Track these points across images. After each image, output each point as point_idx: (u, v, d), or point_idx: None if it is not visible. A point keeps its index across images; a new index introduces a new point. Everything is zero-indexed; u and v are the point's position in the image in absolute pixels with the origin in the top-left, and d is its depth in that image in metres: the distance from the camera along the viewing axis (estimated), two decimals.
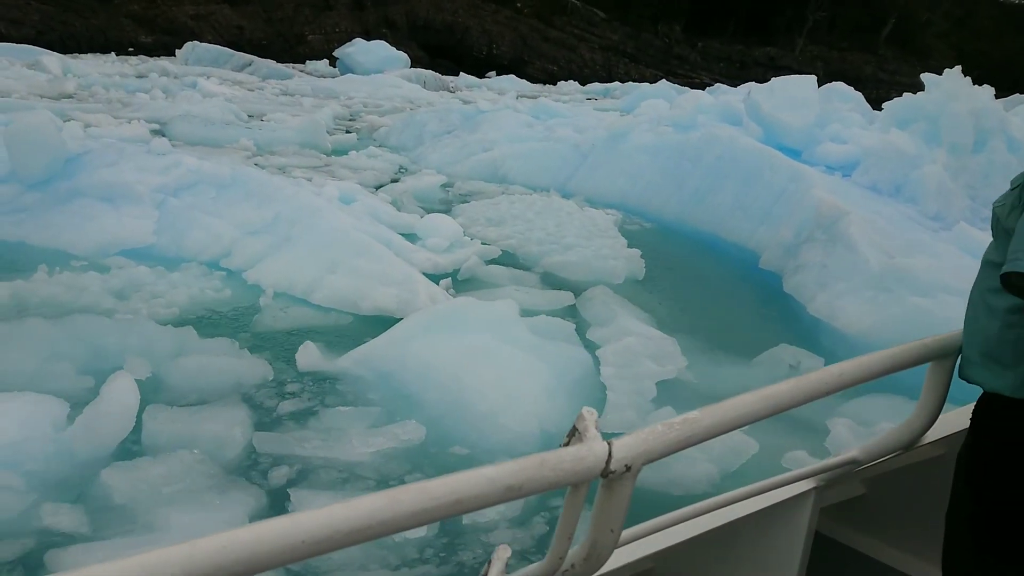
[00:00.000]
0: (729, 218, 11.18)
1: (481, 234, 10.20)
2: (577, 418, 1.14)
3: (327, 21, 57.47)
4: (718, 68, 68.75)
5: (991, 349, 1.70)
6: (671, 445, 1.22)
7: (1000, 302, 1.68)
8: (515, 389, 5.42)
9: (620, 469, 1.13)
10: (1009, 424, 1.69)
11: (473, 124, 17.46)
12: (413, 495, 0.95)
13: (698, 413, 1.30)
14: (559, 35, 63.25)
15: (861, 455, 1.96)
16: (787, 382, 1.48)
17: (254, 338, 6.34)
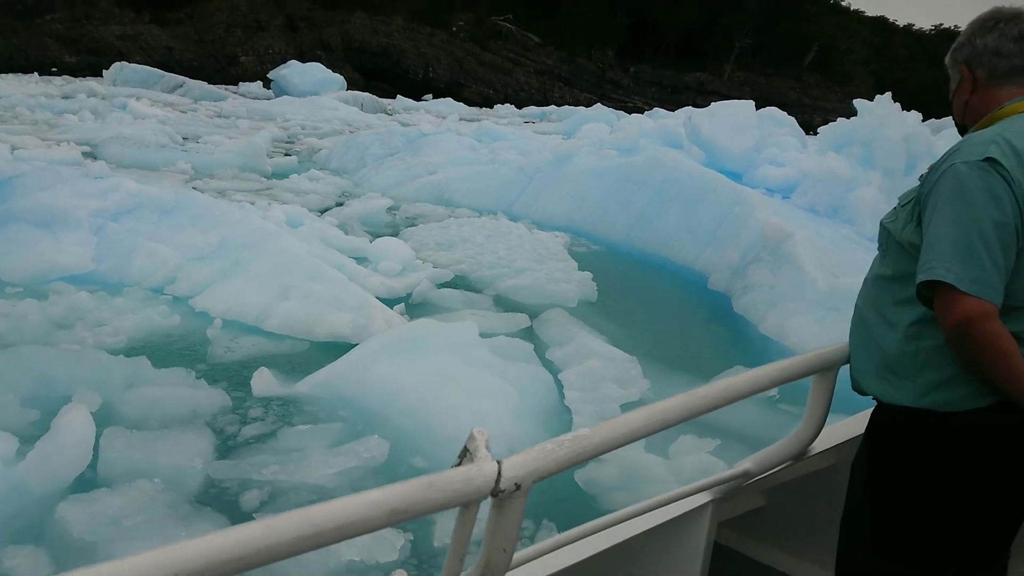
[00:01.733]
0: (676, 240, 11.36)
1: (432, 258, 10.13)
2: (468, 438, 1.15)
3: (260, 43, 56.83)
4: (650, 92, 70.38)
5: (889, 362, 1.74)
6: (561, 462, 1.22)
7: (902, 316, 1.72)
8: (482, 411, 5.36)
9: (510, 488, 1.13)
10: (908, 433, 1.74)
11: (416, 147, 17.41)
12: (293, 522, 0.93)
13: (589, 431, 1.31)
14: (495, 59, 63.88)
15: (753, 467, 2.01)
16: (675, 398, 1.51)
17: (208, 366, 6.14)
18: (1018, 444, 1.68)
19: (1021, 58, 1.72)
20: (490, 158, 15.95)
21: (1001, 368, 1.58)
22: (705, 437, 5.50)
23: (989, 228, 1.54)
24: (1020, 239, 1.57)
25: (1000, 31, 1.74)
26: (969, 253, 1.54)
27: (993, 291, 1.54)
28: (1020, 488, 1.74)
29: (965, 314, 1.54)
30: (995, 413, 1.65)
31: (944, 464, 1.70)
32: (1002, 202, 1.54)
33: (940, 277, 1.56)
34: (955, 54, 1.85)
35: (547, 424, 5.57)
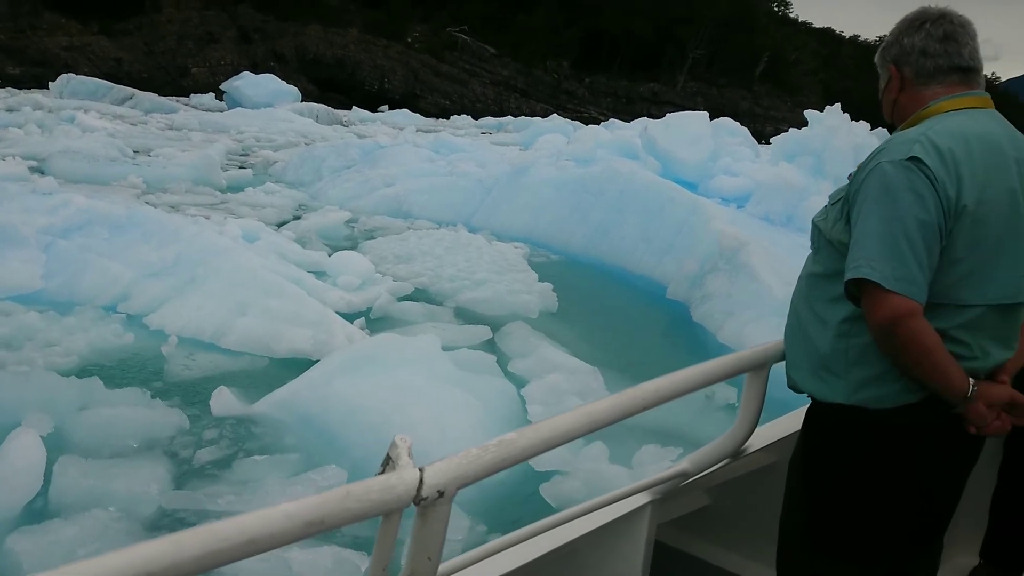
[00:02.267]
0: (634, 250, 11.46)
1: (392, 271, 10.06)
2: (390, 446, 1.13)
3: (212, 54, 56.11)
4: (605, 103, 71.09)
5: (822, 359, 1.77)
6: (487, 468, 1.22)
7: (833, 313, 1.75)
8: (447, 425, 5.32)
9: (433, 495, 1.12)
10: (840, 430, 1.77)
11: (373, 159, 17.31)
12: (200, 538, 0.91)
13: (515, 434, 1.31)
14: (450, 70, 63.93)
15: (690, 466, 2.03)
16: (605, 400, 1.51)
17: (164, 386, 6.00)
18: (945, 439, 1.73)
19: (946, 58, 1.75)
20: (448, 170, 15.92)
21: (926, 365, 1.61)
22: (668, 446, 5.55)
23: (914, 227, 1.57)
24: (943, 238, 1.60)
25: (927, 31, 1.77)
26: (894, 252, 1.57)
27: (917, 289, 1.57)
28: (948, 482, 1.80)
29: (891, 312, 1.57)
30: (923, 409, 1.69)
31: (876, 460, 1.74)
32: (926, 201, 1.57)
33: (866, 276, 1.58)
34: (884, 53, 1.88)
35: (513, 427, 5.54)
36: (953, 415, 1.69)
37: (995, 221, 1.62)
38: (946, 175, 1.58)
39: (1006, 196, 1.64)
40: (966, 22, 1.79)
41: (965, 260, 1.61)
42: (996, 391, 1.69)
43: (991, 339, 1.70)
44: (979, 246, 1.62)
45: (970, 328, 1.67)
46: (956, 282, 1.63)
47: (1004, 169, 1.65)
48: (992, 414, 1.68)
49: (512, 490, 4.99)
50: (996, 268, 1.64)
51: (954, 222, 1.59)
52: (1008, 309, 1.70)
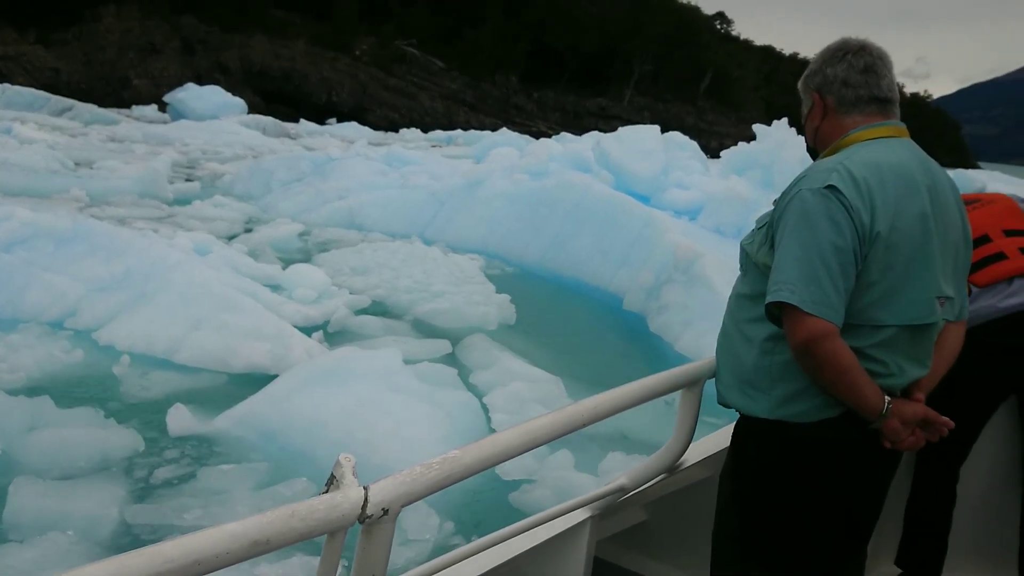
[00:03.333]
0: (589, 262, 11.53)
1: (348, 283, 9.96)
2: (335, 465, 1.14)
3: (154, 65, 54.99)
4: (553, 117, 71.62)
5: (748, 376, 1.83)
6: (431, 485, 1.24)
7: (758, 332, 1.82)
8: (411, 438, 5.27)
9: (377, 513, 1.13)
10: (766, 444, 1.84)
11: (324, 172, 17.12)
12: (145, 559, 0.91)
13: (459, 452, 1.32)
14: (399, 83, 63.73)
15: (628, 482, 2.06)
16: (545, 416, 1.55)
17: (117, 404, 5.82)
18: (864, 452, 1.80)
19: (866, 89, 1.84)
20: (401, 182, 15.85)
21: (842, 384, 1.68)
22: (633, 453, 5.59)
23: (830, 253, 1.64)
24: (859, 262, 1.67)
25: (848, 62, 1.86)
26: (811, 276, 1.63)
27: (834, 312, 1.64)
28: (869, 493, 1.87)
29: (808, 333, 1.63)
30: (843, 423, 1.75)
31: (798, 473, 1.80)
32: (842, 228, 1.64)
33: (785, 299, 1.65)
34: (807, 81, 1.96)
35: None
36: (870, 430, 1.76)
37: (906, 246, 1.70)
38: (861, 203, 1.65)
39: (917, 222, 1.72)
40: (884, 54, 1.89)
41: (879, 283, 1.69)
42: (910, 408, 1.76)
43: (905, 357, 1.78)
44: (892, 270, 1.69)
45: (885, 347, 1.74)
46: (871, 304, 1.70)
47: (915, 195, 1.73)
48: (907, 431, 1.76)
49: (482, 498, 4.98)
50: (908, 290, 1.72)
51: (868, 247, 1.67)
52: (920, 329, 1.78)
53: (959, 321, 1.94)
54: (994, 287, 2.69)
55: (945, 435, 1.81)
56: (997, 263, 2.72)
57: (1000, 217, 2.83)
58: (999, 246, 2.75)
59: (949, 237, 1.81)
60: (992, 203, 2.88)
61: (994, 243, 2.76)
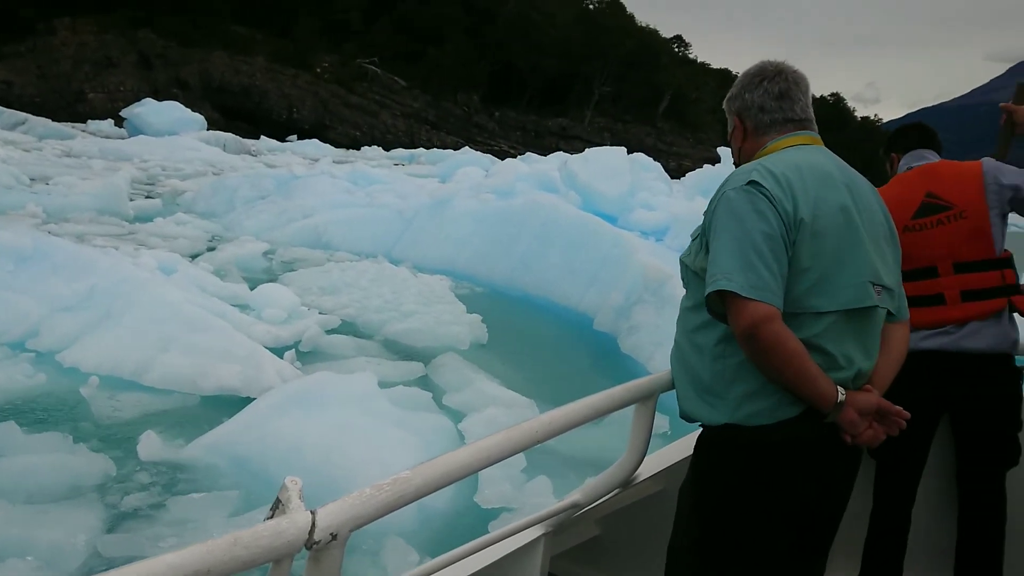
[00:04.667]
0: (559, 282, 11.57)
1: (317, 303, 9.84)
2: (280, 489, 1.13)
3: (110, 79, 54.14)
4: (515, 136, 72.02)
5: (706, 384, 1.85)
6: (381, 508, 1.22)
7: (707, 339, 1.85)
8: (388, 463, 5.19)
9: (325, 539, 1.11)
10: (724, 450, 1.84)
11: (289, 189, 16.98)
12: None
13: (409, 473, 1.31)
14: (360, 101, 63.57)
15: (582, 497, 2.06)
16: (499, 434, 1.55)
17: (85, 428, 5.65)
18: (824, 452, 1.80)
19: (781, 113, 1.95)
20: (367, 201, 15.77)
21: (791, 369, 1.69)
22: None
23: (760, 240, 1.70)
24: (788, 248, 1.73)
25: (764, 88, 1.97)
26: (746, 263, 1.69)
27: (772, 295, 1.69)
28: (830, 495, 1.87)
29: (751, 317, 1.67)
30: (801, 423, 1.76)
31: (758, 475, 1.80)
32: (767, 216, 1.72)
33: (723, 287, 1.69)
34: (729, 104, 2.06)
35: None
36: (829, 428, 1.77)
37: (832, 234, 1.77)
38: (782, 193, 1.74)
39: (840, 212, 1.79)
40: (799, 79, 1.99)
41: (812, 269, 1.74)
42: (864, 398, 1.78)
43: (852, 347, 1.81)
44: (821, 256, 1.75)
45: (830, 337, 1.76)
46: (808, 290, 1.75)
47: (834, 190, 1.81)
48: (864, 422, 1.77)
49: (460, 525, 4.91)
50: (840, 275, 1.77)
51: (796, 233, 1.73)
52: (860, 314, 1.81)
53: (902, 322, 1.99)
54: (924, 329, 2.71)
55: (903, 427, 1.82)
56: (935, 307, 2.72)
57: (959, 243, 2.74)
58: (942, 286, 2.73)
59: (876, 231, 1.88)
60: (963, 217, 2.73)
61: (939, 280, 2.73)
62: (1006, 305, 2.71)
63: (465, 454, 1.44)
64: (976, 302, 2.69)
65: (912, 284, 2.60)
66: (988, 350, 2.70)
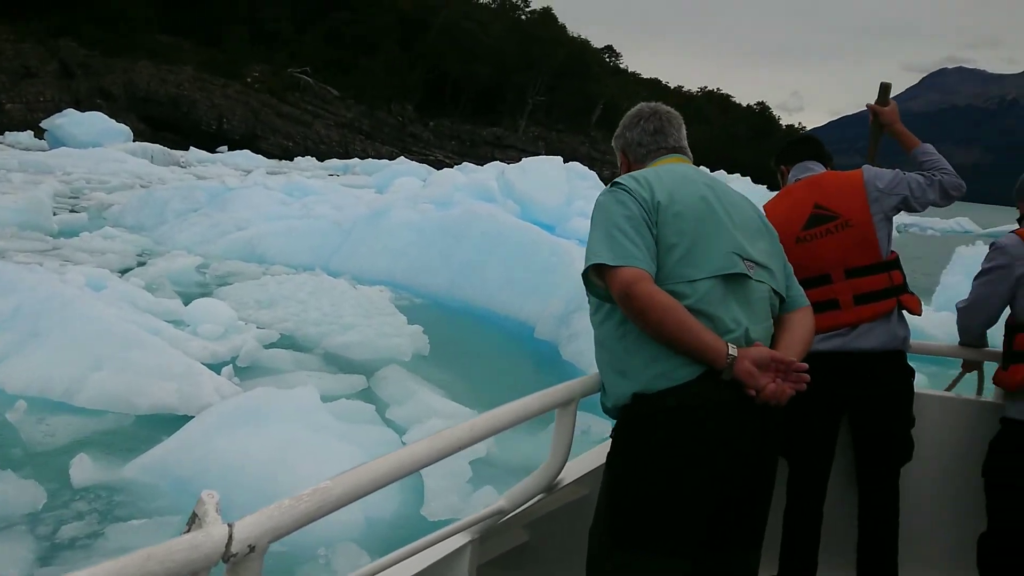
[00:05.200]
0: (499, 292, 11.59)
1: (254, 317, 9.65)
2: (197, 503, 1.13)
3: (29, 89, 52.27)
4: (450, 146, 72.06)
5: (617, 365, 1.93)
6: (301, 518, 1.22)
7: (609, 326, 1.97)
8: None
9: (243, 551, 1.11)
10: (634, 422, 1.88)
11: (221, 202, 16.63)
12: None
13: (330, 482, 1.30)
14: (293, 111, 62.74)
15: (507, 503, 2.06)
16: (422, 441, 1.55)
17: (13, 454, 5.42)
18: (727, 415, 1.81)
19: (655, 144, 2.24)
20: (303, 212, 15.56)
21: (672, 321, 1.79)
22: None
23: (622, 220, 1.90)
24: (651, 226, 1.90)
25: (641, 127, 2.26)
26: (612, 240, 1.87)
27: (637, 260, 1.85)
28: (741, 464, 1.85)
29: (623, 281, 1.81)
30: (701, 383, 1.81)
31: (664, 444, 1.82)
32: (627, 204, 1.92)
33: (593, 261, 1.89)
34: (616, 142, 2.34)
35: (406, 486, 5.44)
36: (732, 390, 1.80)
37: (692, 215, 1.94)
38: (640, 188, 1.96)
39: (698, 200, 1.98)
40: (673, 117, 2.28)
41: (679, 244, 1.89)
42: (757, 350, 1.83)
43: (737, 311, 1.89)
44: (685, 233, 1.91)
45: (710, 301, 1.86)
46: (678, 262, 1.88)
47: (693, 186, 2.02)
48: (764, 375, 1.80)
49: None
50: (706, 247, 1.91)
51: (656, 215, 1.92)
52: (736, 282, 1.92)
53: (802, 308, 2.11)
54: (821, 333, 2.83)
55: (807, 380, 1.84)
56: (830, 312, 2.85)
57: (848, 251, 2.88)
58: (835, 291, 2.87)
59: (745, 220, 2.05)
60: (849, 226, 2.87)
61: (832, 287, 2.87)
62: (895, 305, 2.88)
63: (388, 462, 1.42)
64: (868, 304, 2.85)
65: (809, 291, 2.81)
66: (880, 348, 2.86)
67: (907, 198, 2.92)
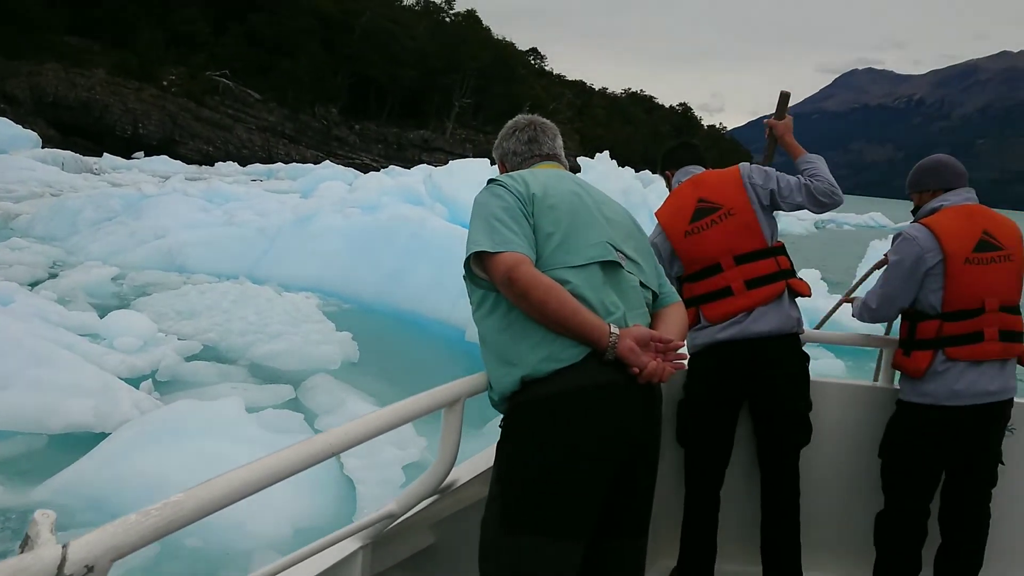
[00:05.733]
0: (428, 295, 11.50)
1: (175, 329, 9.34)
2: (29, 523, 1.06)
3: None
4: (376, 149, 71.40)
5: (504, 355, 1.91)
6: (148, 535, 1.13)
7: (492, 318, 1.95)
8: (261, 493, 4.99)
9: (79, 572, 1.04)
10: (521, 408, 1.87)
11: (138, 210, 16.08)
12: None
13: (182, 495, 1.22)
14: (212, 115, 61.16)
15: (396, 507, 2.02)
16: (290, 449, 1.46)
17: None
18: (612, 395, 1.83)
19: (529, 153, 2.35)
20: (225, 219, 15.16)
21: (552, 302, 1.81)
22: None
23: (499, 211, 1.96)
24: (527, 216, 1.97)
25: (516, 137, 2.36)
26: (490, 229, 1.92)
27: (516, 246, 1.89)
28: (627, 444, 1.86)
29: (502, 266, 1.84)
30: (585, 364, 1.83)
31: (550, 426, 1.83)
32: (503, 197, 1.99)
33: (472, 249, 1.92)
34: (495, 152, 2.44)
35: (336, 496, 5.34)
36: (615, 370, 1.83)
37: (565, 207, 2.01)
38: (515, 183, 2.04)
39: (570, 195, 2.06)
40: (547, 127, 2.40)
41: (556, 233, 1.95)
42: (637, 330, 1.88)
43: (615, 296, 1.93)
44: (561, 223, 1.97)
45: (588, 286, 1.90)
46: (557, 249, 1.94)
47: (564, 183, 2.10)
48: (645, 355, 1.83)
49: None
50: (583, 237, 1.98)
51: (532, 206, 1.99)
52: (611, 270, 1.97)
53: (675, 303, 2.16)
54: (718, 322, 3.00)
55: (685, 358, 1.97)
56: (725, 299, 2.99)
57: (732, 238, 3.01)
58: (727, 279, 2.99)
59: (616, 217, 2.12)
60: (731, 215, 3.02)
61: (724, 274, 2.99)
62: (785, 288, 3.01)
63: (250, 472, 1.33)
64: (759, 288, 2.98)
65: (703, 282, 3.01)
66: (775, 331, 2.97)
67: (774, 193, 3.06)
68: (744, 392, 3.09)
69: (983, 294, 2.85)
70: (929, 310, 2.94)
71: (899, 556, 3.03)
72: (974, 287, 2.85)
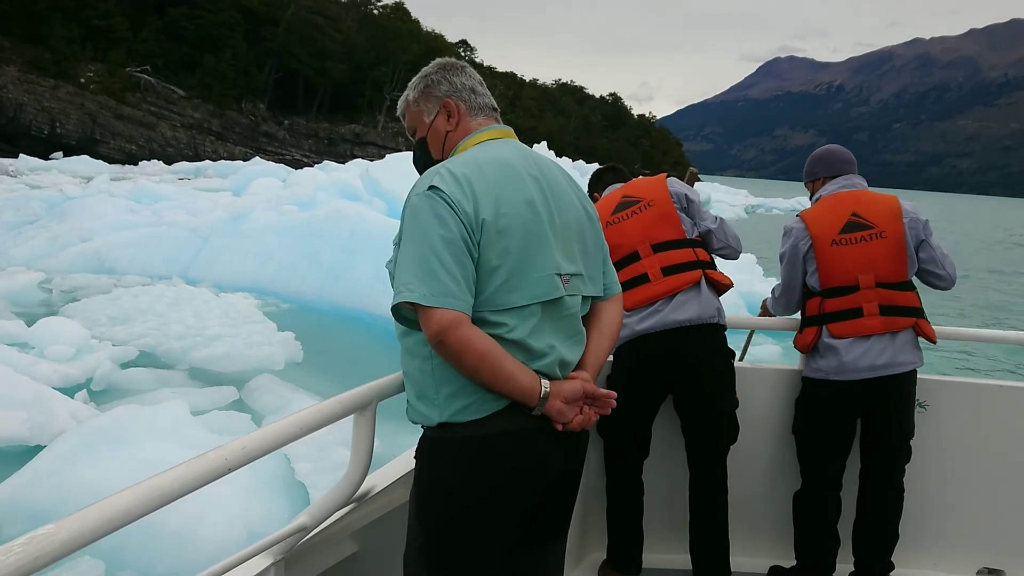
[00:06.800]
0: (370, 291, 11.38)
1: (109, 335, 9.04)
2: None
3: None
4: (307, 144, 70.21)
5: (419, 388, 1.84)
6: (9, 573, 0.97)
7: (415, 342, 1.84)
8: (213, 496, 4.87)
9: None
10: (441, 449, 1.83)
11: (62, 212, 15.49)
12: None
13: (53, 526, 1.04)
14: (135, 113, 59.19)
15: (308, 519, 1.91)
16: (177, 468, 1.30)
17: None
18: (539, 441, 1.78)
19: (488, 98, 2.01)
20: (155, 220, 14.72)
21: (485, 369, 1.68)
22: None
23: (440, 246, 1.67)
24: (472, 250, 1.71)
25: (468, 74, 2.01)
26: (427, 271, 1.66)
27: (456, 300, 1.66)
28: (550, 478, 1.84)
29: (437, 325, 1.64)
30: (510, 414, 1.75)
31: (473, 471, 1.79)
32: (446, 221, 1.68)
33: (406, 298, 1.68)
34: (428, 91, 2.02)
35: (288, 496, 5.25)
36: (536, 417, 1.76)
37: (517, 230, 1.76)
38: (462, 195, 1.71)
39: (524, 207, 1.79)
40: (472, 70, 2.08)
41: (501, 267, 1.73)
42: (570, 386, 1.79)
43: (552, 337, 1.82)
44: (509, 253, 1.75)
45: (526, 330, 1.77)
46: (500, 287, 1.74)
47: (518, 183, 1.81)
48: (572, 409, 1.78)
49: None
50: (530, 270, 1.77)
51: (480, 235, 1.72)
52: (554, 306, 1.82)
53: (612, 297, 2.04)
54: (637, 311, 3.02)
55: (614, 407, 1.85)
56: (642, 286, 3.02)
57: (651, 227, 3.09)
58: (644, 266, 3.04)
59: (567, 218, 1.89)
60: (650, 205, 3.13)
61: (642, 262, 3.05)
62: (702, 277, 3.07)
63: (131, 496, 1.16)
64: (676, 275, 3.03)
65: (621, 272, 2.96)
66: (696, 319, 3.01)
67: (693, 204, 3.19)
68: (667, 387, 3.10)
69: (855, 271, 2.98)
70: (813, 290, 3.10)
71: (816, 532, 3.11)
72: (844, 266, 3.00)
